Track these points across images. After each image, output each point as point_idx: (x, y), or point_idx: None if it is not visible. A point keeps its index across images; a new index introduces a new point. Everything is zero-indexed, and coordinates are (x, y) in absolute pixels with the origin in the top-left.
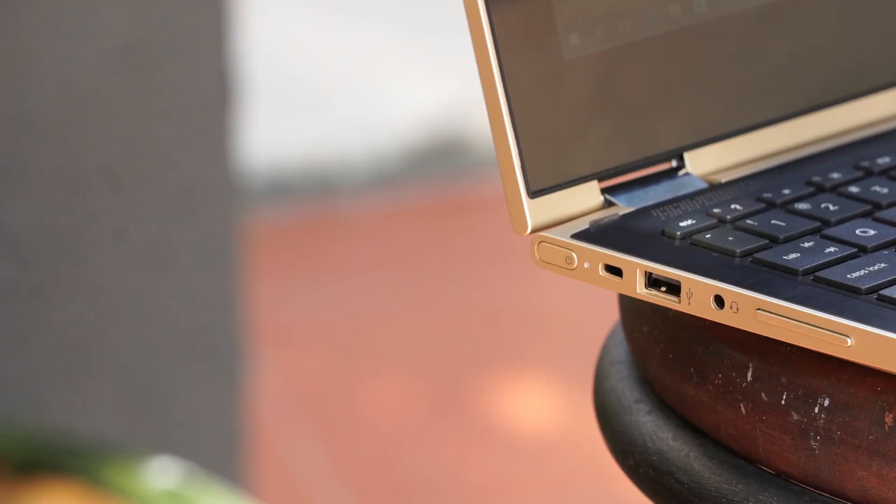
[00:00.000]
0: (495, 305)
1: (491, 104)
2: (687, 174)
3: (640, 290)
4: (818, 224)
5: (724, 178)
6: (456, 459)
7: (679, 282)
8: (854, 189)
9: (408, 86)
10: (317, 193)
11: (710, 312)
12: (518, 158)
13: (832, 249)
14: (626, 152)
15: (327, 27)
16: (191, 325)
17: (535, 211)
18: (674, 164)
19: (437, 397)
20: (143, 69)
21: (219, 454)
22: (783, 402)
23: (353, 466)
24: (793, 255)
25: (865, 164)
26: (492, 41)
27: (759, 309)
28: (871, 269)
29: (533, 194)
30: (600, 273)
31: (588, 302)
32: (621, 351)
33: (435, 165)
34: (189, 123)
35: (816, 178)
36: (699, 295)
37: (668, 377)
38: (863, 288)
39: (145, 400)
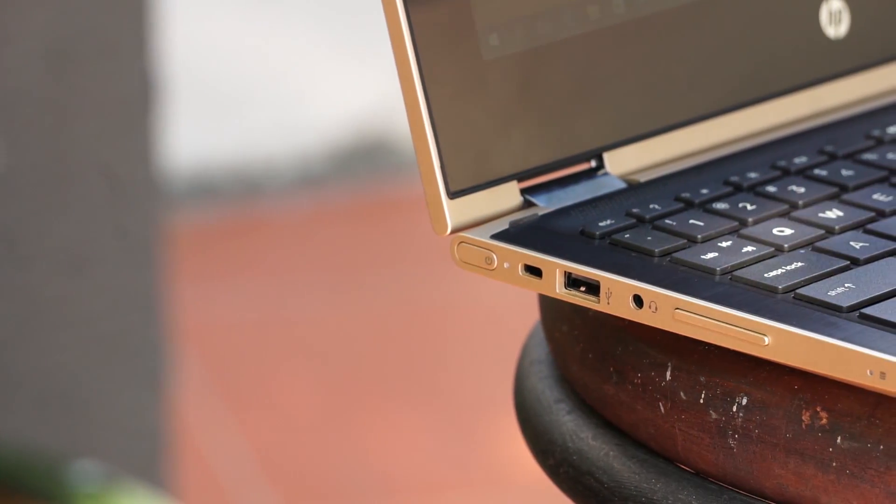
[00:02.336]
0: (419, 305)
1: (410, 105)
2: (606, 174)
3: (560, 290)
4: (736, 224)
5: (642, 178)
6: (382, 458)
7: (598, 282)
8: (771, 189)
9: (333, 86)
10: (241, 194)
11: (629, 312)
12: (437, 159)
13: (749, 249)
14: (546, 153)
15: (252, 27)
16: (113, 326)
17: (455, 212)
18: (593, 164)
19: (362, 397)
20: (66, 70)
21: (141, 456)
22: (701, 401)
23: (277, 466)
24: (711, 255)
25: (782, 163)
26: (411, 42)
27: (677, 308)
28: (788, 268)
29: (452, 195)
30: (520, 273)
31: (512, 302)
32: (541, 351)
33: (360, 166)
34: (111, 124)
35: (734, 178)
36: (618, 295)
37: (588, 377)
38: (780, 287)
39: (67, 403)
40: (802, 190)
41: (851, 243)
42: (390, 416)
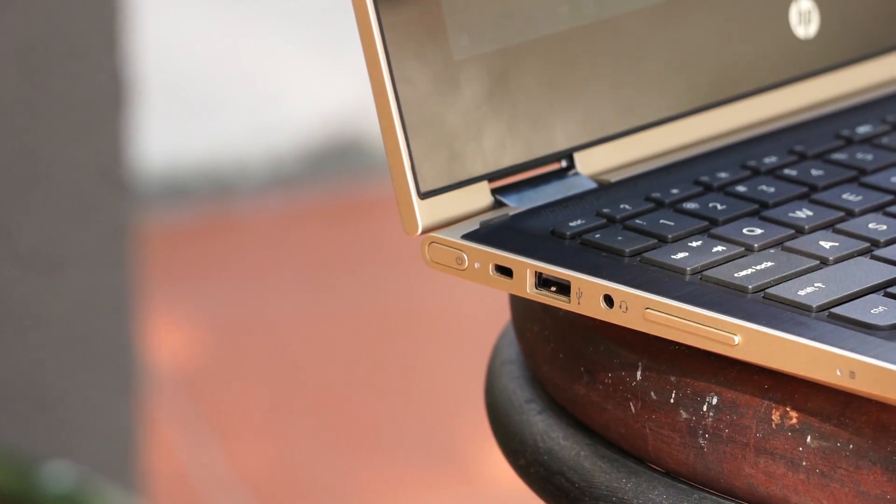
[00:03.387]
0: (391, 306)
1: (381, 105)
2: (577, 174)
3: (531, 290)
4: (706, 223)
5: (613, 178)
6: (353, 458)
7: (569, 282)
8: (741, 188)
9: (305, 87)
10: (213, 195)
11: (600, 312)
12: (408, 160)
13: (720, 249)
14: (516, 153)
15: (224, 28)
16: (84, 327)
17: (426, 212)
18: (563, 164)
19: (334, 397)
20: (37, 70)
21: (113, 457)
22: (672, 401)
23: (249, 467)
24: (681, 255)
25: (752, 163)
26: (381, 42)
27: (647, 308)
28: (758, 267)
29: (423, 195)
30: (491, 273)
31: (483, 302)
32: (512, 351)
33: (332, 167)
34: (82, 125)
35: (704, 178)
36: (588, 294)
37: (559, 377)
38: (749, 287)
39: (38, 403)
40: (772, 190)
41: (821, 243)
42: (361, 417)
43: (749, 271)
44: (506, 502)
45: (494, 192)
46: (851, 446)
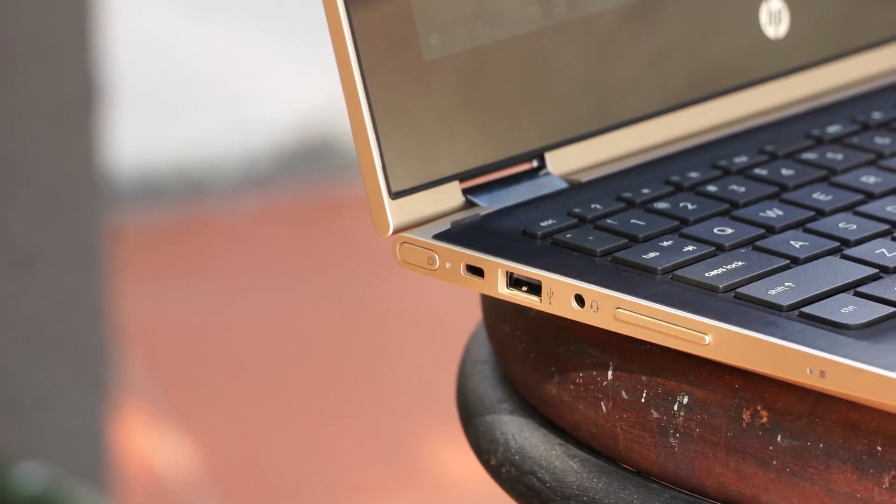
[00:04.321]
0: (364, 306)
1: (352, 106)
2: (548, 174)
3: (502, 290)
4: (677, 223)
5: (584, 178)
6: (326, 458)
7: (540, 281)
8: (712, 188)
9: (278, 87)
10: (187, 195)
11: (571, 312)
12: (379, 160)
13: (690, 248)
14: (488, 153)
15: (197, 28)
16: (57, 328)
17: (397, 212)
18: (535, 164)
19: (306, 398)
20: (9, 71)
21: (86, 459)
22: (643, 401)
23: (221, 468)
24: (652, 254)
25: (723, 163)
26: (352, 42)
27: (618, 308)
28: (729, 267)
29: (394, 195)
30: (462, 273)
31: (456, 302)
32: (484, 351)
33: (306, 166)
34: (55, 125)
35: (675, 178)
36: (560, 294)
37: (530, 376)
38: (720, 286)
39: (10, 404)
40: (743, 189)
41: (791, 242)
42: (335, 417)
43: (720, 271)
44: (477, 502)
45: (465, 192)
46: (822, 445)
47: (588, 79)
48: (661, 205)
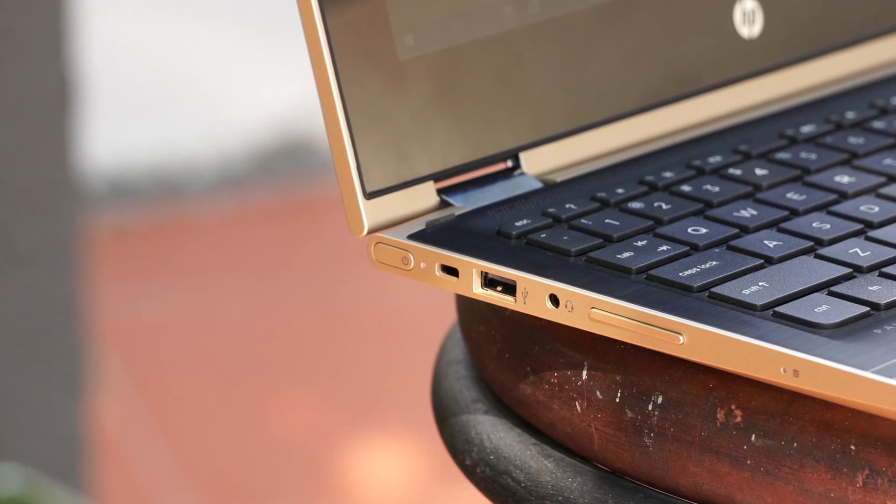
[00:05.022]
0: (340, 306)
1: (326, 106)
2: (522, 174)
3: (476, 290)
4: (651, 223)
5: (559, 178)
6: (300, 458)
7: (514, 281)
8: (686, 188)
9: (254, 86)
10: (162, 195)
11: (546, 311)
12: (354, 160)
13: (665, 248)
14: (462, 153)
15: (172, 27)
16: (32, 328)
17: (372, 212)
18: (509, 164)
19: (282, 398)
20: None
21: (61, 460)
22: (617, 400)
23: (197, 468)
24: (626, 254)
25: (697, 163)
26: (326, 43)
27: (592, 308)
28: (703, 266)
29: (369, 195)
30: (437, 273)
31: (431, 302)
32: (459, 351)
33: (281, 166)
34: (29, 125)
35: (649, 178)
36: (534, 294)
37: (505, 376)
38: (694, 286)
39: None
40: (717, 189)
41: (765, 242)
42: (309, 417)
43: (694, 270)
44: (452, 502)
45: (440, 192)
46: (796, 444)
47: (562, 79)
48: (636, 205)
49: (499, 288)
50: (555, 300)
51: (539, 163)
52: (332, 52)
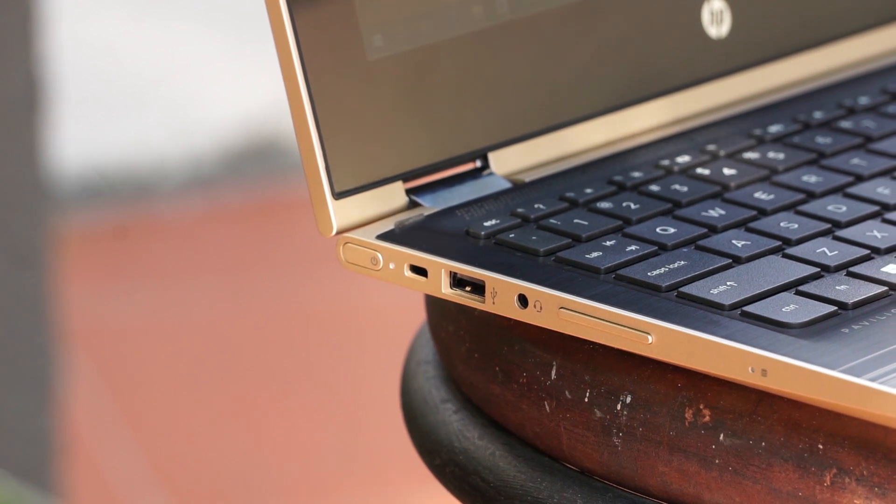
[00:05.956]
0: (310, 306)
1: (295, 106)
2: (491, 174)
3: (445, 290)
4: (620, 223)
5: (527, 178)
6: (272, 459)
7: (483, 281)
8: (654, 188)
9: (224, 87)
10: (132, 195)
11: (514, 311)
12: (322, 160)
13: (633, 248)
14: (431, 153)
15: (143, 27)
16: (2, 329)
17: (340, 212)
18: (478, 164)
19: (253, 399)
20: None
21: (31, 461)
22: (586, 400)
23: (168, 469)
24: (595, 254)
25: (665, 162)
26: (294, 43)
27: (561, 307)
28: (671, 266)
29: (338, 196)
30: (405, 273)
31: (401, 302)
32: (428, 351)
33: (252, 167)
34: None
35: (618, 178)
36: (503, 294)
37: (474, 376)
38: (663, 286)
39: None
40: (685, 189)
41: (733, 241)
42: (281, 418)
43: (662, 270)
44: (421, 502)
45: (409, 192)
46: (764, 444)
47: (530, 79)
48: (604, 204)
49: (468, 288)
50: (523, 300)
51: (508, 163)
52: (300, 52)
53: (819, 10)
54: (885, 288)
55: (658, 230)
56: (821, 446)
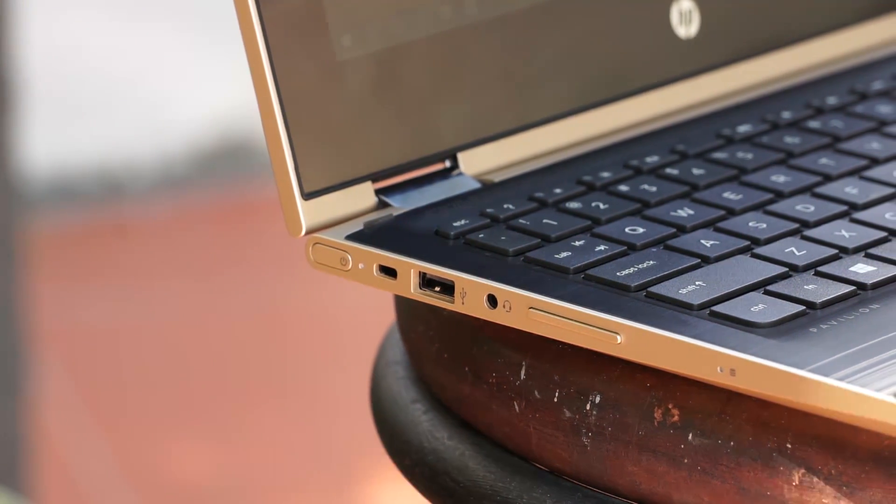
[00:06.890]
0: (281, 307)
1: (263, 106)
2: (460, 174)
3: (415, 291)
4: (589, 223)
5: (497, 178)
6: (241, 460)
7: (452, 282)
8: (623, 188)
9: (195, 87)
10: (103, 196)
11: (484, 312)
12: (291, 160)
13: (602, 248)
14: (401, 153)
15: (113, 27)
16: None
17: (310, 213)
18: (447, 164)
19: (223, 399)
20: None
21: (1, 463)
22: (555, 400)
23: (139, 472)
24: (564, 254)
25: (634, 162)
26: (263, 43)
27: (530, 308)
28: (640, 266)
29: (307, 196)
30: (375, 274)
31: (370, 303)
32: (398, 351)
33: (223, 167)
34: None
35: (587, 178)
36: (472, 294)
37: (444, 376)
38: (632, 285)
39: None
40: (654, 189)
41: (702, 241)
42: (252, 418)
43: (631, 270)
44: (391, 502)
45: (378, 192)
46: (732, 443)
47: (499, 79)
48: (573, 204)
49: (437, 288)
50: (493, 300)
51: (477, 163)
52: (269, 52)
53: (787, 11)
54: (853, 287)
55: (627, 230)
56: (789, 446)
